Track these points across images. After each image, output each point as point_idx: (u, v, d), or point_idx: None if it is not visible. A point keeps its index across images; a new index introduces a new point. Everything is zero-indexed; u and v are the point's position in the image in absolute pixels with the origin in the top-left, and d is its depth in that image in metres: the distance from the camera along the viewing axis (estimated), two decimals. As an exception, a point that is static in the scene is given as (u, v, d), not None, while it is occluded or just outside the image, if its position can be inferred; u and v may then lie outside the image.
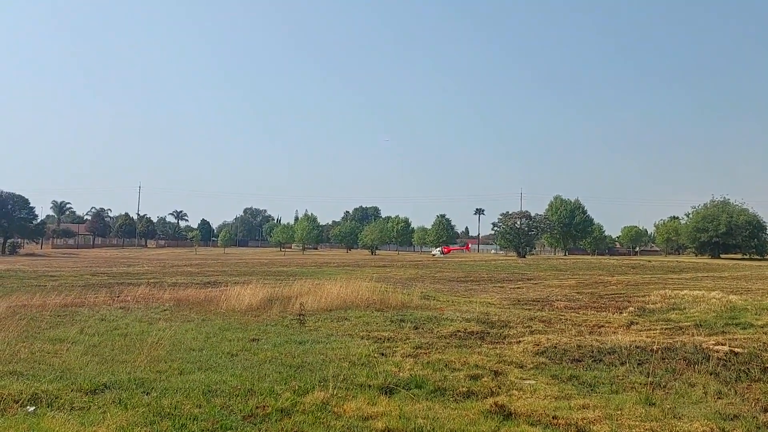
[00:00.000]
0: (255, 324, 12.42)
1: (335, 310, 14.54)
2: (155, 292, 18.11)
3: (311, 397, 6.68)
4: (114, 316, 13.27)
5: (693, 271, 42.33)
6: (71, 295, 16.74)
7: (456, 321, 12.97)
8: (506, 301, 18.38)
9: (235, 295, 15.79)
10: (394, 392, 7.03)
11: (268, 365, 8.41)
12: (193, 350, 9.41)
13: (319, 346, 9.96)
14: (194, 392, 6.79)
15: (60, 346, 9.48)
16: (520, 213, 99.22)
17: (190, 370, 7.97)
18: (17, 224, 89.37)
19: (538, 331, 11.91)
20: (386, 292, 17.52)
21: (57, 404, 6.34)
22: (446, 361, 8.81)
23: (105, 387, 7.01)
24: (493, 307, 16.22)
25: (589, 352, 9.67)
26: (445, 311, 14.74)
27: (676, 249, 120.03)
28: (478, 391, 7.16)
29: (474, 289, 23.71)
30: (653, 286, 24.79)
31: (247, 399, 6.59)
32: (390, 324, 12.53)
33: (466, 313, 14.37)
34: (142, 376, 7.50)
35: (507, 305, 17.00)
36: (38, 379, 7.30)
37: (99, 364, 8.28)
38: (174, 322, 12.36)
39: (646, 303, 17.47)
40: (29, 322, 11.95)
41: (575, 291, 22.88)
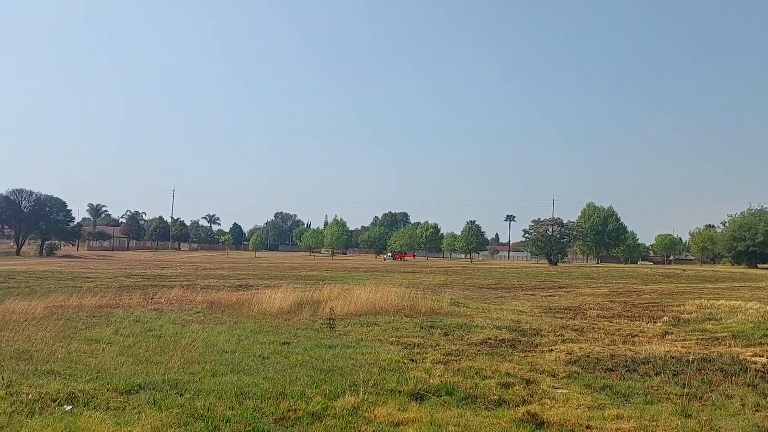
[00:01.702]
0: (286, 327, 12.51)
1: (365, 315, 14.56)
2: (188, 295, 18.35)
3: (342, 401, 6.70)
4: (148, 317, 13.48)
5: (729, 280, 41.45)
6: (106, 297, 17.05)
7: (486, 328, 12.89)
8: (538, 309, 18.21)
9: (266, 299, 15.92)
10: (425, 399, 7.01)
11: (299, 369, 8.45)
12: (226, 352, 9.50)
13: (349, 350, 9.99)
14: (227, 394, 6.86)
15: (96, 347, 9.65)
16: (551, 220, 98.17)
17: (222, 372, 8.06)
18: (54, 226, 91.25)
19: (571, 339, 11.78)
20: (415, 298, 17.49)
21: (93, 404, 6.45)
22: (477, 368, 8.76)
23: (140, 387, 7.12)
24: (524, 315, 16.09)
25: (623, 361, 9.53)
26: (475, 318, 14.66)
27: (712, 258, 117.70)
28: (510, 399, 7.10)
29: (504, 296, 23.55)
30: (688, 296, 24.34)
31: (279, 402, 6.64)
32: (420, 330, 12.50)
33: (497, 321, 14.28)
34: (175, 378, 7.60)
35: (538, 313, 16.84)
36: (75, 379, 7.44)
37: (133, 364, 8.42)
38: (207, 325, 12.51)
39: (681, 313, 17.15)
40: (66, 322, 12.19)
41: (608, 300, 22.56)
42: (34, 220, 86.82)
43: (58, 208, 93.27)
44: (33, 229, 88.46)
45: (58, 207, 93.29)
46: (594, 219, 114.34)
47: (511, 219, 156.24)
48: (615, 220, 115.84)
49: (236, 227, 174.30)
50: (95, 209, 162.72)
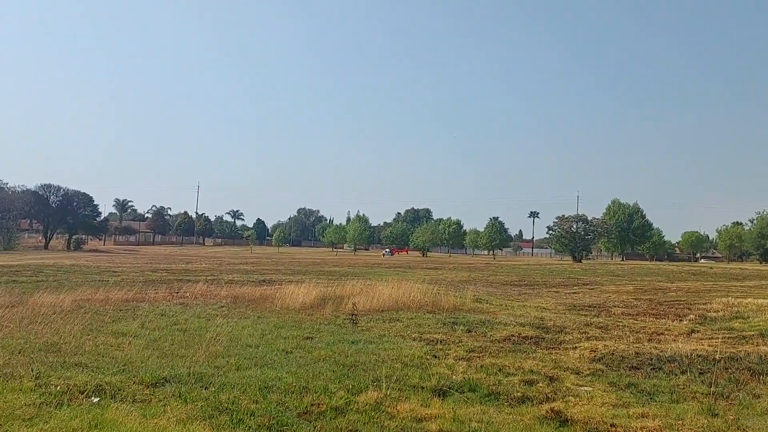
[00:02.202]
0: (309, 322, 12.57)
1: (387, 311, 14.57)
2: (213, 289, 18.53)
3: (365, 396, 6.72)
4: (173, 311, 13.63)
5: (757, 278, 40.75)
6: (132, 291, 17.26)
7: (510, 325, 12.83)
8: (561, 306, 18.07)
9: (289, 294, 16.01)
10: (448, 395, 7.00)
11: (322, 363, 8.49)
12: (250, 347, 9.58)
13: (371, 346, 10.01)
14: (251, 388, 6.92)
15: (122, 340, 9.79)
16: (576, 216, 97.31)
17: (246, 366, 8.12)
18: (82, 221, 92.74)
19: (595, 337, 11.67)
20: (438, 294, 17.45)
21: (120, 396, 6.54)
22: (500, 365, 8.72)
23: (165, 380, 7.21)
24: (547, 312, 15.97)
25: (648, 359, 9.43)
26: (498, 315, 14.60)
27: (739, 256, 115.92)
28: (534, 396, 7.06)
29: (528, 293, 23.40)
30: (715, 294, 23.97)
31: (302, 396, 6.68)
32: (442, 326, 12.48)
33: (520, 318, 14.20)
34: (200, 371, 7.68)
35: (562, 310, 16.72)
36: (102, 371, 7.56)
37: (159, 358, 8.52)
38: (231, 319, 12.61)
39: (708, 311, 16.90)
40: (93, 315, 12.38)
41: (633, 297, 22.32)
42: (62, 215, 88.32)
43: (86, 203, 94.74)
44: (61, 223, 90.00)
45: (86, 202, 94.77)
46: (619, 216, 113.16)
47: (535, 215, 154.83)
48: (640, 216, 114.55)
49: (259, 223, 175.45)
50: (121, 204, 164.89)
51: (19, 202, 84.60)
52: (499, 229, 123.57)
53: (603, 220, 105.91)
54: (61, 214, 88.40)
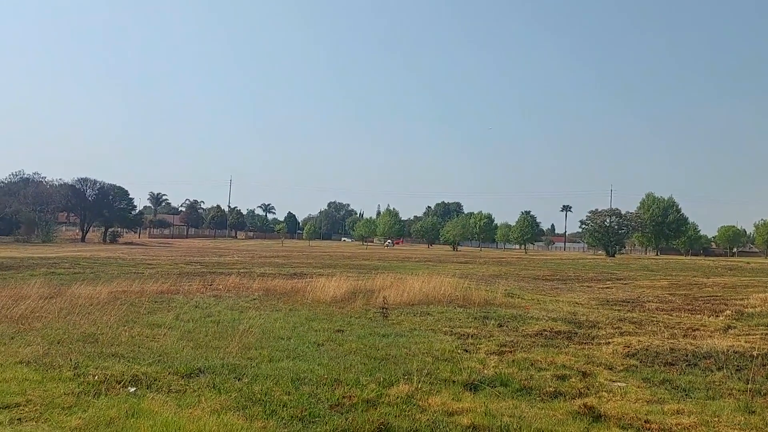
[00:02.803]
0: (339, 315, 12.63)
1: (417, 304, 14.56)
2: (245, 282, 18.73)
3: (396, 389, 6.73)
4: (207, 303, 13.82)
5: (798, 274, 39.71)
6: (167, 283, 17.52)
7: (542, 320, 12.72)
8: (594, 301, 17.86)
9: (320, 287, 16.10)
10: (479, 389, 6.98)
11: (353, 356, 8.53)
12: (282, 339, 9.67)
13: (402, 339, 10.02)
14: (283, 380, 6.99)
15: (157, 331, 9.96)
16: (609, 210, 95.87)
17: (279, 358, 8.20)
18: (117, 214, 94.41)
19: (629, 332, 11.51)
20: (469, 288, 17.39)
21: (156, 386, 6.66)
22: (532, 360, 8.66)
23: (200, 371, 7.32)
24: (580, 307, 15.80)
25: (683, 355, 9.27)
26: (530, 309, 14.49)
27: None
28: (566, 391, 7.00)
29: (560, 288, 23.16)
30: (752, 289, 23.42)
31: (334, 388, 6.72)
32: (473, 321, 12.43)
33: (553, 312, 14.08)
34: (234, 362, 7.78)
35: (595, 305, 16.52)
36: (138, 362, 7.71)
37: (193, 349, 8.65)
38: (263, 311, 12.74)
39: (745, 306, 16.53)
40: (129, 307, 12.61)
41: (668, 292, 21.94)
42: (98, 208, 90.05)
43: (121, 196, 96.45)
44: (97, 216, 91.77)
45: (121, 196, 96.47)
46: (654, 210, 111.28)
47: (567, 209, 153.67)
48: (675, 211, 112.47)
49: (290, 216, 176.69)
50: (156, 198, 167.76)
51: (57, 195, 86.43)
52: (530, 223, 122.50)
53: (637, 214, 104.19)
54: (98, 208, 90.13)
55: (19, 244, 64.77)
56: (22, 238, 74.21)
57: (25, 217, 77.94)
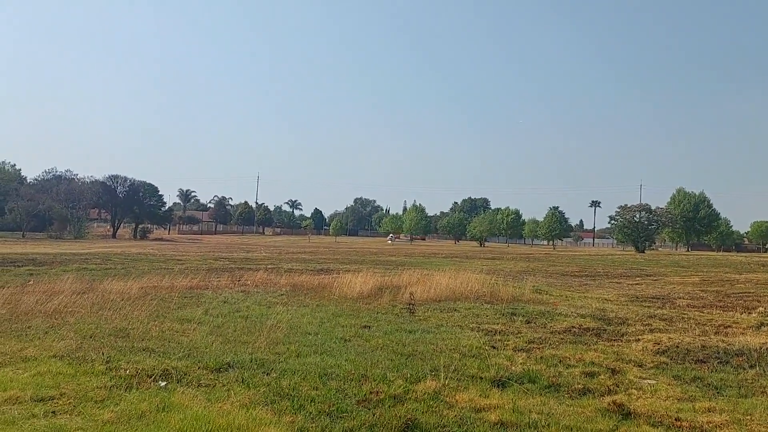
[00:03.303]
0: (366, 311, 12.65)
1: (444, 300, 14.53)
2: (272, 278, 18.86)
3: (423, 385, 6.73)
4: (235, 299, 13.95)
5: (834, 271, 38.79)
6: (196, 278, 17.72)
7: (570, 316, 12.61)
8: (624, 297, 17.64)
9: (346, 283, 16.14)
10: (507, 386, 6.94)
11: (380, 352, 8.54)
12: (309, 334, 9.72)
13: (429, 335, 10.01)
14: (311, 375, 7.03)
15: (187, 326, 10.08)
16: (639, 206, 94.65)
17: (306, 353, 8.25)
18: (147, 211, 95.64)
19: (659, 329, 11.35)
20: (496, 284, 17.30)
21: (186, 380, 6.74)
22: (560, 356, 8.60)
23: (228, 366, 7.39)
24: (609, 304, 15.62)
25: (715, 353, 9.13)
26: (558, 306, 14.37)
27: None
28: (595, 388, 6.93)
29: (589, 284, 22.92)
30: (788, 287, 22.95)
31: (361, 384, 6.74)
32: (501, 317, 12.37)
33: (581, 309, 13.94)
34: (262, 357, 7.85)
35: (624, 302, 16.31)
36: (168, 356, 7.81)
37: (222, 344, 8.74)
38: (290, 307, 12.82)
39: (780, 304, 16.20)
40: (159, 302, 12.78)
41: (699, 289, 21.59)
42: (129, 205, 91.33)
43: (151, 193, 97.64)
44: (127, 213, 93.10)
45: (151, 192, 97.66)
46: (684, 205, 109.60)
47: (596, 205, 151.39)
48: (707, 206, 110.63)
49: (317, 212, 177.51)
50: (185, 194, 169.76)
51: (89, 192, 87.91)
52: (559, 218, 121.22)
53: (667, 209, 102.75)
54: (128, 204, 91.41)
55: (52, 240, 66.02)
56: (54, 234, 75.63)
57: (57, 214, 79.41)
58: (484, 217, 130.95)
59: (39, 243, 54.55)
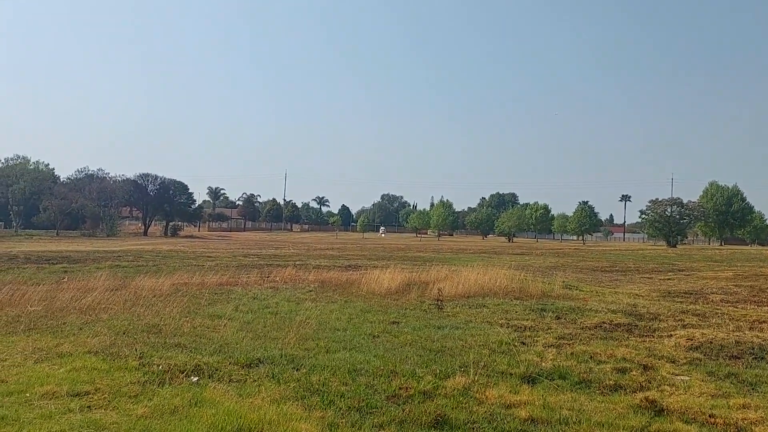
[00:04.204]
0: (394, 307, 12.67)
1: (473, 297, 14.48)
2: (301, 274, 18.98)
3: (452, 381, 6.72)
4: (264, 295, 14.07)
5: None
6: (226, 275, 17.92)
7: (601, 312, 12.48)
8: (655, 292, 17.39)
9: (374, 279, 16.17)
10: (537, 382, 6.90)
11: (409, 348, 8.55)
12: (338, 330, 9.77)
13: (458, 331, 9.98)
14: (340, 370, 7.07)
15: (218, 322, 10.20)
16: (670, 200, 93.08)
17: (335, 349, 8.30)
18: (178, 208, 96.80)
19: (692, 325, 11.18)
20: (525, 280, 17.18)
21: (217, 376, 6.83)
22: (591, 352, 8.51)
23: (259, 361, 7.47)
24: (640, 299, 15.42)
25: (749, 349, 8.96)
26: (588, 302, 14.23)
27: None
28: (627, 385, 6.85)
29: (620, 279, 22.64)
30: (826, 281, 22.40)
31: (390, 380, 6.76)
32: (530, 313, 12.29)
33: (612, 305, 13.79)
34: (291, 353, 7.91)
35: (656, 297, 16.08)
36: (200, 352, 7.91)
37: (253, 339, 8.82)
38: (319, 303, 12.90)
39: (817, 299, 15.84)
40: (190, 299, 12.95)
41: (733, 284, 21.19)
42: (159, 203, 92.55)
43: (181, 191, 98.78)
44: (158, 211, 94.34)
45: (181, 190, 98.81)
46: (717, 199, 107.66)
47: (626, 199, 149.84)
48: (740, 199, 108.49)
49: (344, 209, 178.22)
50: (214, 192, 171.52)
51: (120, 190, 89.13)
52: (588, 213, 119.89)
53: (699, 203, 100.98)
54: (159, 202, 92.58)
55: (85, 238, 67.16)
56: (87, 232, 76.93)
57: (90, 212, 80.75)
58: (512, 212, 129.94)
59: (72, 241, 55.54)
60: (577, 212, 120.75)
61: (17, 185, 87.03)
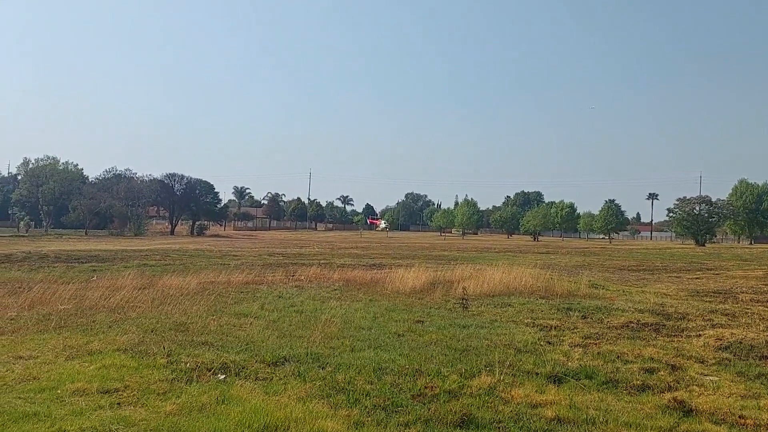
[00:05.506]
0: (419, 306, 12.67)
1: (498, 296, 14.42)
2: (325, 273, 19.06)
3: (478, 381, 6.70)
4: (290, 294, 14.15)
5: None
6: (252, 274, 18.04)
7: (628, 311, 12.34)
8: (683, 292, 17.15)
9: (399, 278, 16.18)
10: (563, 381, 6.85)
11: (434, 347, 8.55)
12: (363, 329, 9.79)
13: (483, 331, 9.95)
14: (365, 369, 7.09)
15: (244, 320, 10.29)
16: (699, 198, 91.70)
17: (360, 348, 8.32)
18: (204, 208, 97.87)
19: (721, 324, 11.00)
20: (551, 279, 17.04)
21: (243, 374, 6.89)
22: (618, 352, 8.43)
23: (285, 360, 7.52)
24: (668, 298, 15.21)
25: (781, 349, 8.80)
26: (615, 301, 14.08)
27: None
28: (654, 385, 6.77)
29: (647, 278, 22.36)
30: None
31: (416, 379, 6.76)
32: (556, 312, 12.20)
33: (639, 304, 13.63)
34: (317, 351, 7.96)
35: (684, 296, 15.86)
36: (226, 350, 7.99)
37: (278, 338, 8.89)
38: (344, 302, 12.94)
39: None
40: (217, 297, 13.07)
41: (763, 283, 20.80)
42: (186, 202, 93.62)
43: (207, 190, 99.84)
44: (185, 210, 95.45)
45: (207, 190, 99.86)
46: (747, 197, 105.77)
47: (653, 197, 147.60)
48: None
49: (368, 208, 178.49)
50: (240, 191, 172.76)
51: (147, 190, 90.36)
52: (615, 212, 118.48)
53: (729, 201, 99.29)
54: (185, 202, 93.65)
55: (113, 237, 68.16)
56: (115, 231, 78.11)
57: (118, 212, 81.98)
58: (537, 210, 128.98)
59: (101, 240, 56.41)
60: (604, 210, 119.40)
61: (47, 185, 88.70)
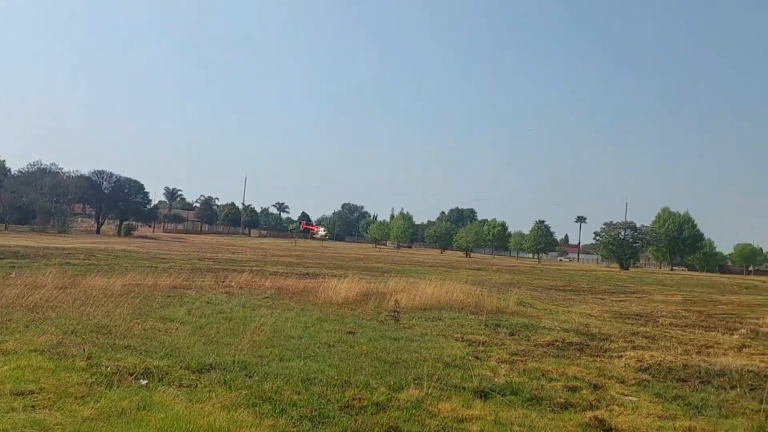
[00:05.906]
0: (351, 317, 12.63)
1: (429, 309, 14.54)
2: (257, 280, 18.79)
3: (406, 393, 6.71)
4: (219, 300, 13.87)
5: (814, 295, 39.16)
6: (180, 278, 17.60)
7: (554, 330, 12.66)
8: (607, 313, 17.73)
9: (332, 288, 16.11)
10: (489, 397, 6.94)
11: (364, 359, 8.52)
12: (293, 338, 9.67)
13: (413, 344, 9.99)
14: (293, 379, 6.99)
15: (170, 325, 10.00)
16: (624, 223, 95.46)
17: (289, 357, 8.21)
18: (132, 207, 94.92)
19: (641, 346, 11.42)
20: (481, 295, 17.32)
21: (167, 380, 6.68)
22: (543, 370, 8.62)
23: (211, 367, 7.34)
24: (593, 319, 15.70)
25: (696, 372, 9.18)
26: (542, 319, 14.42)
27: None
28: (577, 403, 6.95)
29: (573, 299, 23.03)
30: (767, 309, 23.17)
31: (344, 390, 6.71)
32: (485, 328, 12.39)
33: (565, 323, 14.00)
34: (244, 359, 7.80)
35: (608, 318, 16.40)
36: (150, 355, 7.74)
37: (205, 344, 8.67)
38: (275, 310, 12.76)
39: (760, 326, 16.33)
40: (142, 300, 12.67)
41: (682, 308, 21.73)
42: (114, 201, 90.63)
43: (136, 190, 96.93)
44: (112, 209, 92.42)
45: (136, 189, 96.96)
46: (669, 224, 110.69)
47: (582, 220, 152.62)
48: (691, 226, 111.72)
49: (304, 216, 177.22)
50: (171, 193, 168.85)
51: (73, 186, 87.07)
52: (544, 232, 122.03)
53: (652, 228, 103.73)
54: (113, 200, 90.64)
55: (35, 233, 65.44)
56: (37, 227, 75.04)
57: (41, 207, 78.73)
58: (470, 227, 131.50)
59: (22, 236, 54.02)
60: (534, 231, 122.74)
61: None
